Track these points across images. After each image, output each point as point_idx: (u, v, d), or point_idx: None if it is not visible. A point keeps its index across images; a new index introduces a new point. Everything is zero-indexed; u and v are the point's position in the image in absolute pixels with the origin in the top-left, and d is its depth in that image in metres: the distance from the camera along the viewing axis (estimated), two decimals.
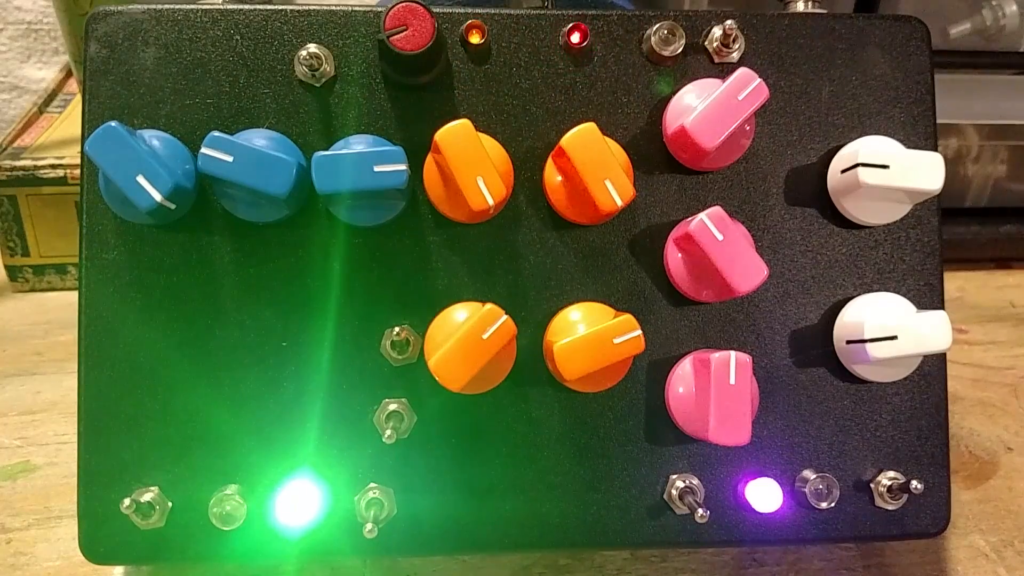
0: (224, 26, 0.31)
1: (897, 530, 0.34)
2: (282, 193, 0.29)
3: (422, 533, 0.32)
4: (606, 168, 0.29)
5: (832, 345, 0.33)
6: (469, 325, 0.28)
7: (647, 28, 0.32)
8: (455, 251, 0.32)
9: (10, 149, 0.53)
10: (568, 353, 0.29)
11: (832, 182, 0.33)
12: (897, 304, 0.33)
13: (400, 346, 0.32)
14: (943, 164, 0.31)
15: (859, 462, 0.34)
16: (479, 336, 0.28)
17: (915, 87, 0.34)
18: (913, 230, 0.34)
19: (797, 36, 0.33)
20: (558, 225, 0.33)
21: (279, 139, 0.31)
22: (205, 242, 0.32)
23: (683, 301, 0.33)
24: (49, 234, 0.52)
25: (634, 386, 0.33)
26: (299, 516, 0.31)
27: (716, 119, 0.29)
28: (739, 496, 0.33)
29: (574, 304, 0.32)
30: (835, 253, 0.34)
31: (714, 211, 0.29)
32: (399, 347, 0.32)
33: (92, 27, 0.31)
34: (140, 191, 0.28)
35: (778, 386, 0.33)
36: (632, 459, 0.33)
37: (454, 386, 0.28)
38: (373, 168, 0.28)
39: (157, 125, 0.31)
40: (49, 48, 0.74)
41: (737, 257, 0.29)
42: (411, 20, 0.29)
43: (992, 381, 0.49)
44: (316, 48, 0.31)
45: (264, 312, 0.32)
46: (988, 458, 0.43)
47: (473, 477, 0.32)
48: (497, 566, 0.36)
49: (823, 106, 0.34)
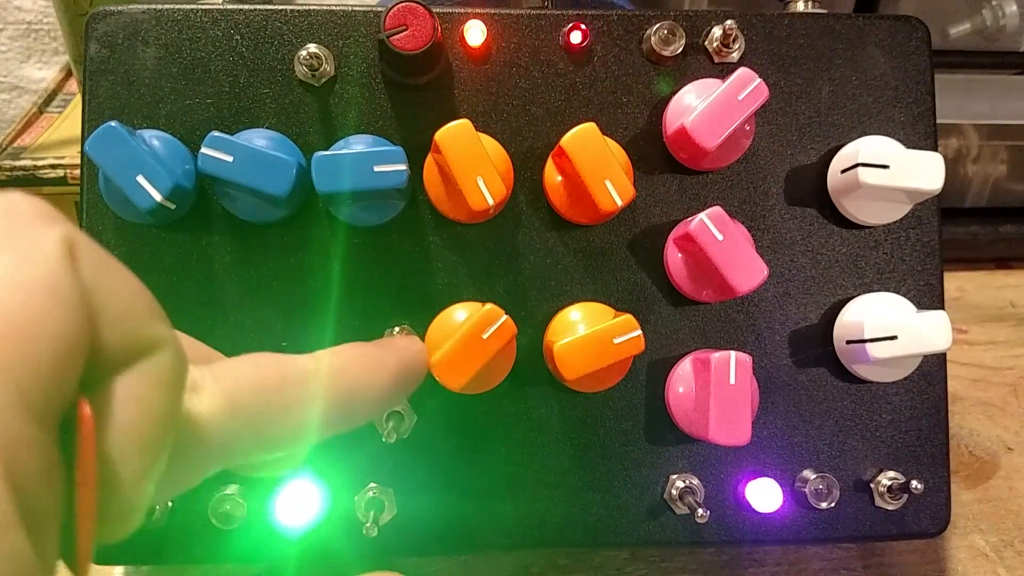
0: (224, 26, 0.31)
1: (897, 530, 0.34)
2: (282, 193, 0.29)
3: (422, 533, 0.32)
4: (606, 168, 0.29)
5: (832, 345, 0.33)
6: (469, 325, 0.28)
7: (647, 28, 0.32)
8: (455, 251, 0.32)
9: (10, 149, 0.53)
10: (568, 353, 0.29)
11: (832, 182, 0.33)
12: (897, 304, 0.33)
13: None
14: (943, 164, 0.31)
15: (859, 462, 0.34)
16: (479, 336, 0.28)
17: (915, 87, 0.34)
18: (913, 230, 0.34)
19: (797, 36, 0.33)
20: (558, 225, 0.33)
21: (279, 139, 0.31)
22: (205, 242, 0.32)
23: (683, 301, 0.33)
24: None
25: (634, 386, 0.33)
26: (299, 516, 0.31)
27: (716, 119, 0.29)
28: (739, 496, 0.33)
29: (574, 304, 0.32)
30: (835, 253, 0.34)
31: (714, 211, 0.29)
32: None
33: (92, 27, 0.31)
34: (140, 191, 0.28)
35: (778, 386, 0.33)
36: (632, 459, 0.33)
37: (454, 386, 0.28)
38: (373, 168, 0.28)
39: (157, 125, 0.31)
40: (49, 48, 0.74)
41: (737, 257, 0.29)
42: (411, 20, 0.29)
43: (992, 381, 0.49)
44: (316, 48, 0.31)
45: (264, 312, 0.32)
46: (988, 458, 0.43)
47: (473, 477, 0.32)
48: (497, 566, 0.36)
49: (823, 106, 0.34)
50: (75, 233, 0.16)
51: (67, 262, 0.15)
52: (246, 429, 0.20)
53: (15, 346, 0.13)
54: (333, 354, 0.24)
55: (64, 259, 0.15)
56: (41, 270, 0.14)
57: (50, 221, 0.15)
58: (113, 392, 0.16)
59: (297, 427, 0.22)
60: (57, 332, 0.14)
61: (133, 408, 0.16)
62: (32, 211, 0.15)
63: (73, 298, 0.15)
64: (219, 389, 0.19)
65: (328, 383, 0.23)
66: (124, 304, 0.16)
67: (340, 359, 0.24)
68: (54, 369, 0.14)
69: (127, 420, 0.16)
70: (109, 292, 0.16)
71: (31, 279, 0.14)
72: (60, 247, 0.15)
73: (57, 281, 0.14)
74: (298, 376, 0.22)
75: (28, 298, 0.14)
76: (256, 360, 0.21)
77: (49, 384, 0.14)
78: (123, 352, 0.16)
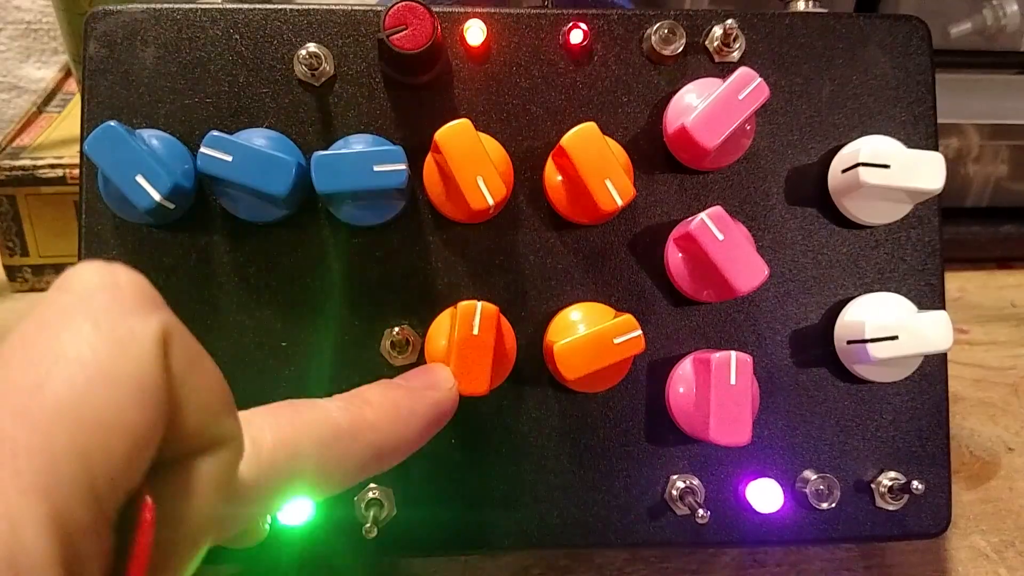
0: (223, 25, 0.31)
1: (898, 530, 0.34)
2: (282, 193, 0.28)
3: (422, 533, 0.32)
4: (606, 168, 0.29)
5: (833, 345, 0.33)
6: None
7: (647, 27, 0.32)
8: (455, 251, 0.32)
9: (9, 149, 0.53)
10: (568, 353, 0.29)
11: (833, 182, 0.33)
12: (898, 304, 0.33)
13: (400, 346, 0.32)
14: (944, 164, 0.31)
15: (860, 462, 0.34)
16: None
17: (916, 86, 0.34)
18: (914, 230, 0.34)
19: (798, 35, 0.33)
20: (558, 225, 0.33)
21: (278, 139, 0.31)
22: (204, 242, 0.32)
23: (683, 301, 0.33)
24: (48, 234, 0.52)
25: (634, 386, 0.33)
26: (299, 516, 0.31)
27: (717, 118, 0.29)
28: (740, 496, 0.33)
29: (574, 304, 0.32)
30: (836, 253, 0.34)
31: (715, 211, 0.29)
32: (399, 347, 0.32)
33: (91, 26, 0.31)
34: (139, 191, 0.28)
35: (779, 386, 0.33)
36: (632, 459, 0.33)
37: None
38: (373, 168, 0.28)
39: (156, 124, 0.31)
40: (48, 48, 0.74)
41: (738, 257, 0.29)
42: (411, 19, 0.29)
43: (993, 381, 0.49)
44: (316, 47, 0.31)
45: (264, 312, 0.32)
46: (989, 458, 0.43)
47: (473, 477, 0.32)
48: (497, 566, 0.36)
49: (824, 105, 0.33)
50: (171, 322, 0.16)
51: (160, 358, 0.15)
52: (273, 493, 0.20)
53: (94, 437, 0.14)
54: (365, 404, 0.24)
55: (158, 355, 0.15)
56: (133, 365, 0.14)
57: (151, 308, 0.16)
58: (175, 483, 0.16)
59: (324, 487, 0.22)
60: (137, 429, 0.14)
61: (190, 503, 0.16)
62: (135, 294, 0.16)
63: (158, 396, 0.15)
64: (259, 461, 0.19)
65: (360, 441, 0.23)
66: (205, 398, 0.16)
67: (373, 413, 0.24)
68: (128, 463, 0.14)
69: (181, 515, 0.16)
70: (193, 386, 0.16)
71: (122, 373, 0.14)
72: (156, 341, 0.15)
73: (146, 378, 0.15)
74: (332, 438, 0.22)
75: (116, 392, 0.14)
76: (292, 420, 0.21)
77: (120, 476, 0.14)
78: (195, 444, 0.16)
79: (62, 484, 0.13)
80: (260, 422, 0.21)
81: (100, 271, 0.16)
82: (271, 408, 0.22)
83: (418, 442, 0.25)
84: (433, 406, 0.26)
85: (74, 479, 0.13)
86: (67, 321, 0.15)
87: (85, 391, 0.14)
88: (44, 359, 0.14)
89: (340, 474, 0.22)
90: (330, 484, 0.22)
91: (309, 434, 0.21)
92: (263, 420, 0.21)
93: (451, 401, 0.27)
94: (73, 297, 0.15)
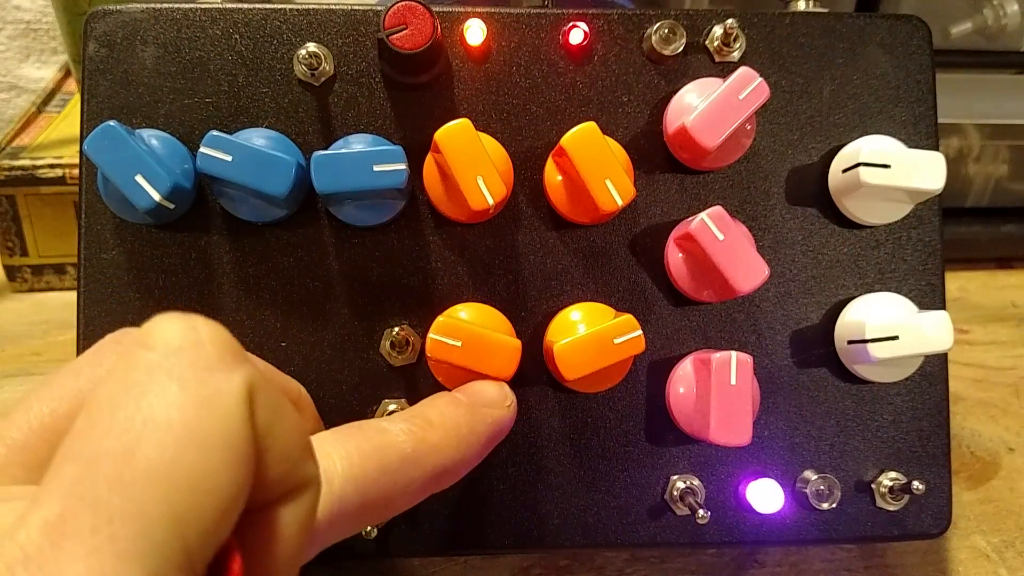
0: (223, 25, 0.31)
1: (898, 531, 0.34)
2: (282, 193, 0.28)
3: (422, 533, 0.32)
4: (606, 167, 0.29)
5: (833, 345, 0.33)
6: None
7: (648, 27, 0.32)
8: (455, 251, 0.32)
9: (8, 149, 0.53)
10: (568, 353, 0.29)
11: (833, 182, 0.33)
12: (898, 304, 0.33)
13: (400, 346, 0.31)
14: (945, 164, 0.31)
15: (860, 463, 0.33)
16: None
17: (916, 86, 0.34)
18: (914, 230, 0.34)
19: (798, 35, 0.33)
20: (558, 225, 0.33)
21: (278, 138, 0.31)
22: (204, 242, 0.31)
23: (684, 301, 0.33)
24: (48, 234, 0.52)
25: (634, 386, 0.33)
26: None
27: (717, 118, 0.29)
28: (740, 497, 0.33)
29: (574, 304, 0.32)
30: (836, 253, 0.34)
31: (715, 211, 0.29)
32: (399, 347, 0.32)
33: (91, 26, 0.31)
34: (139, 191, 0.28)
35: (779, 386, 0.33)
36: (633, 460, 0.33)
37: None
38: (373, 168, 0.28)
39: (156, 124, 0.31)
40: (48, 47, 0.74)
41: (738, 257, 0.29)
42: (411, 19, 0.29)
43: (994, 381, 0.49)
44: (315, 47, 0.31)
45: (264, 312, 0.32)
46: (989, 459, 0.43)
47: (472, 477, 0.32)
48: (497, 566, 0.36)
49: (824, 105, 0.33)
50: (255, 377, 0.16)
51: (246, 414, 0.15)
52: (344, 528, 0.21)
53: (187, 500, 0.14)
54: (428, 427, 0.24)
55: (244, 411, 0.15)
56: (221, 425, 0.14)
57: (234, 362, 0.15)
58: (260, 532, 0.16)
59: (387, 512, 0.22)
60: (227, 488, 0.14)
61: (275, 550, 0.16)
62: (218, 349, 0.15)
63: (246, 453, 0.15)
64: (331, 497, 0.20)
65: (425, 466, 0.23)
66: (287, 446, 0.16)
67: (436, 435, 0.24)
68: (218, 522, 0.14)
69: (267, 562, 0.16)
70: (277, 436, 0.16)
71: (211, 434, 0.14)
72: (241, 398, 0.15)
73: (234, 436, 0.15)
74: (399, 463, 0.22)
75: (206, 454, 0.14)
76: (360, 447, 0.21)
77: (211, 535, 0.14)
78: (279, 491, 0.16)
79: (157, 548, 0.13)
80: (330, 450, 0.21)
81: (182, 327, 0.15)
82: (339, 434, 0.22)
83: (476, 461, 0.26)
84: (493, 425, 0.26)
85: (168, 542, 0.13)
86: (152, 382, 0.14)
87: (175, 455, 0.14)
88: (133, 423, 0.14)
89: (403, 499, 0.23)
90: (393, 509, 0.23)
91: (377, 462, 0.21)
92: (332, 448, 0.21)
93: (509, 419, 0.27)
94: (156, 356, 0.15)
